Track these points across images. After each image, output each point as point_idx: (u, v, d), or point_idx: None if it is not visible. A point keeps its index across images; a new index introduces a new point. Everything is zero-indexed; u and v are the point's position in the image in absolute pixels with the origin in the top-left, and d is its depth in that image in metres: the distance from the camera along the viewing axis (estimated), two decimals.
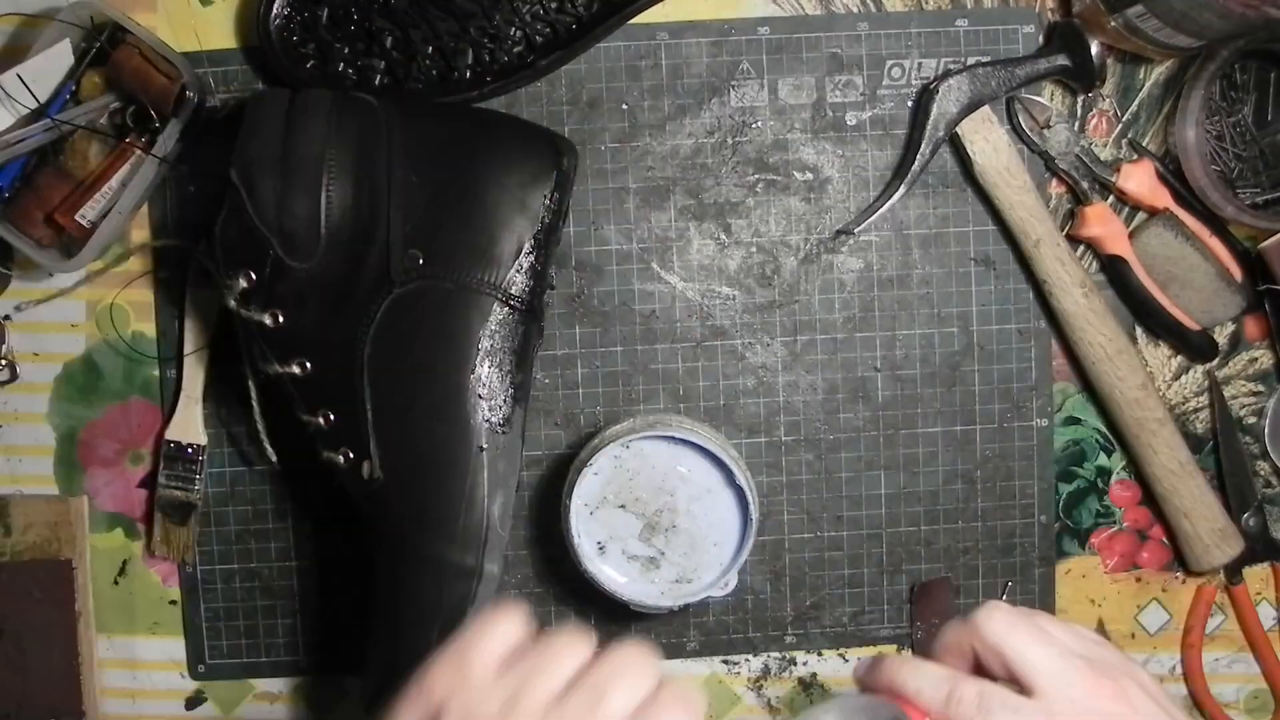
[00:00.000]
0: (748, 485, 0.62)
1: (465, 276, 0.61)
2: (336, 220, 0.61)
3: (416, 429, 0.61)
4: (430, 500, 0.61)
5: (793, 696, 0.73)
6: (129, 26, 0.64)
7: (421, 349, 0.61)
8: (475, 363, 0.61)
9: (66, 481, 0.71)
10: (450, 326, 0.61)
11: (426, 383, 0.61)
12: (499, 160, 0.62)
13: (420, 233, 0.62)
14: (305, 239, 0.61)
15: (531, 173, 0.62)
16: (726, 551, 0.64)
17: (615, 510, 0.64)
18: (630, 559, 0.64)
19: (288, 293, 0.61)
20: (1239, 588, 0.72)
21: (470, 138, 0.63)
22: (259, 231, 0.60)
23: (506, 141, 0.63)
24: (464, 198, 0.62)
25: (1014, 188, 0.68)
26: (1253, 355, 0.72)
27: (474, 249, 0.62)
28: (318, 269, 0.61)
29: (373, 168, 0.62)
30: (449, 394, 0.61)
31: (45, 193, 0.66)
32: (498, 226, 0.62)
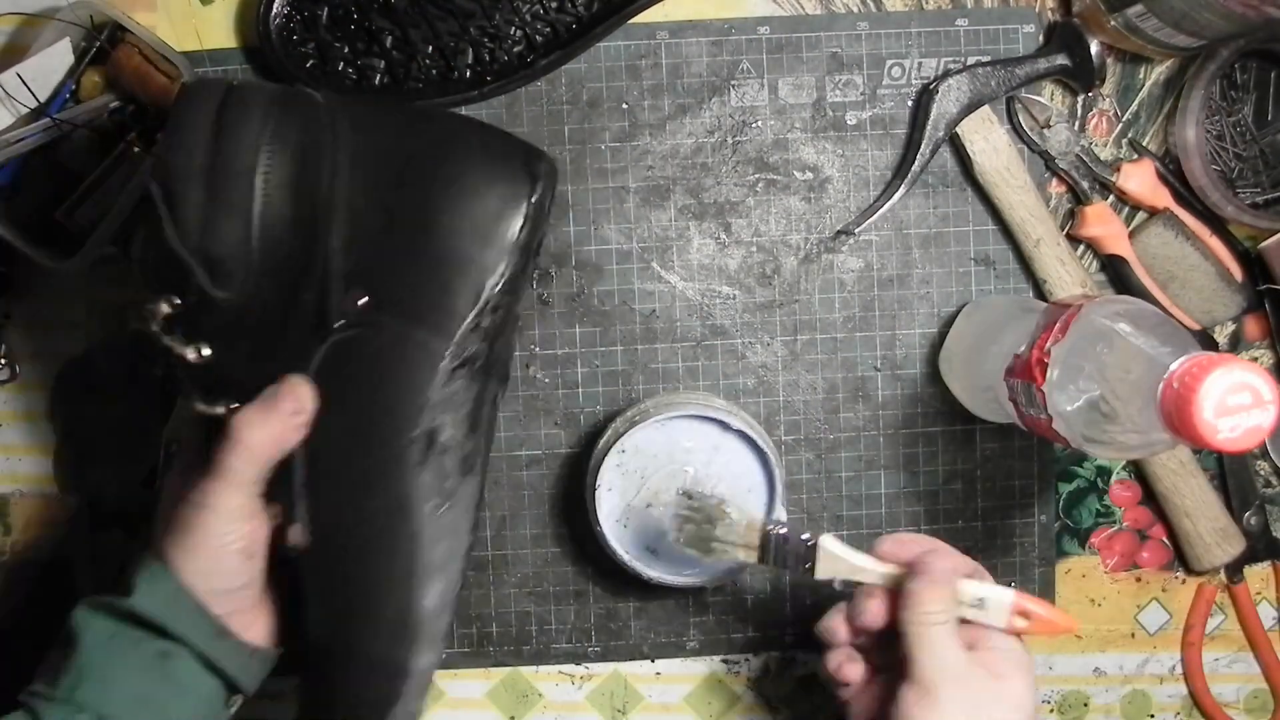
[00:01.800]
0: (745, 424, 0.63)
1: (413, 326, 0.53)
2: (270, 246, 0.53)
3: (345, 500, 0.53)
4: (354, 583, 0.53)
5: (793, 697, 0.73)
6: (129, 26, 0.64)
7: (356, 408, 0.53)
8: (415, 430, 0.53)
9: (66, 481, 0.71)
10: (389, 384, 0.53)
11: (360, 448, 0.53)
12: (462, 182, 0.53)
13: (364, 268, 0.53)
14: (233, 266, 0.53)
15: (499, 201, 0.53)
16: (762, 491, 0.64)
17: (645, 512, 0.64)
18: None
19: (214, 326, 0.53)
20: (1239, 587, 0.72)
21: (432, 152, 0.54)
22: (182, 257, 0.52)
23: (473, 159, 0.54)
24: (417, 229, 0.53)
25: (1014, 188, 0.68)
26: (1253, 355, 0.72)
27: (424, 294, 0.53)
28: (247, 301, 0.53)
29: (315, 184, 0.53)
30: (382, 464, 0.53)
31: (45, 193, 0.66)
32: (453, 268, 0.53)
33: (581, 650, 0.71)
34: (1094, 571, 0.72)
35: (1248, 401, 0.47)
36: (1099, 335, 0.54)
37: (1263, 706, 0.74)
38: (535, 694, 0.72)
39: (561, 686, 0.72)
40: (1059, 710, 0.73)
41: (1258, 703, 0.74)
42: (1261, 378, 0.47)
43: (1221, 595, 0.73)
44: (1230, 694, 0.73)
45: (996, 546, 0.72)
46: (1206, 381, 0.47)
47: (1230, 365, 0.47)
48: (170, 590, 0.52)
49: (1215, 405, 0.47)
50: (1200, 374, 0.47)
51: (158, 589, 0.52)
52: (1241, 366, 0.47)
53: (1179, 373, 0.48)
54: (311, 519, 0.54)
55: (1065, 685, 0.73)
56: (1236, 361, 0.47)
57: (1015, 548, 0.72)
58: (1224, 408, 0.47)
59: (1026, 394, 0.58)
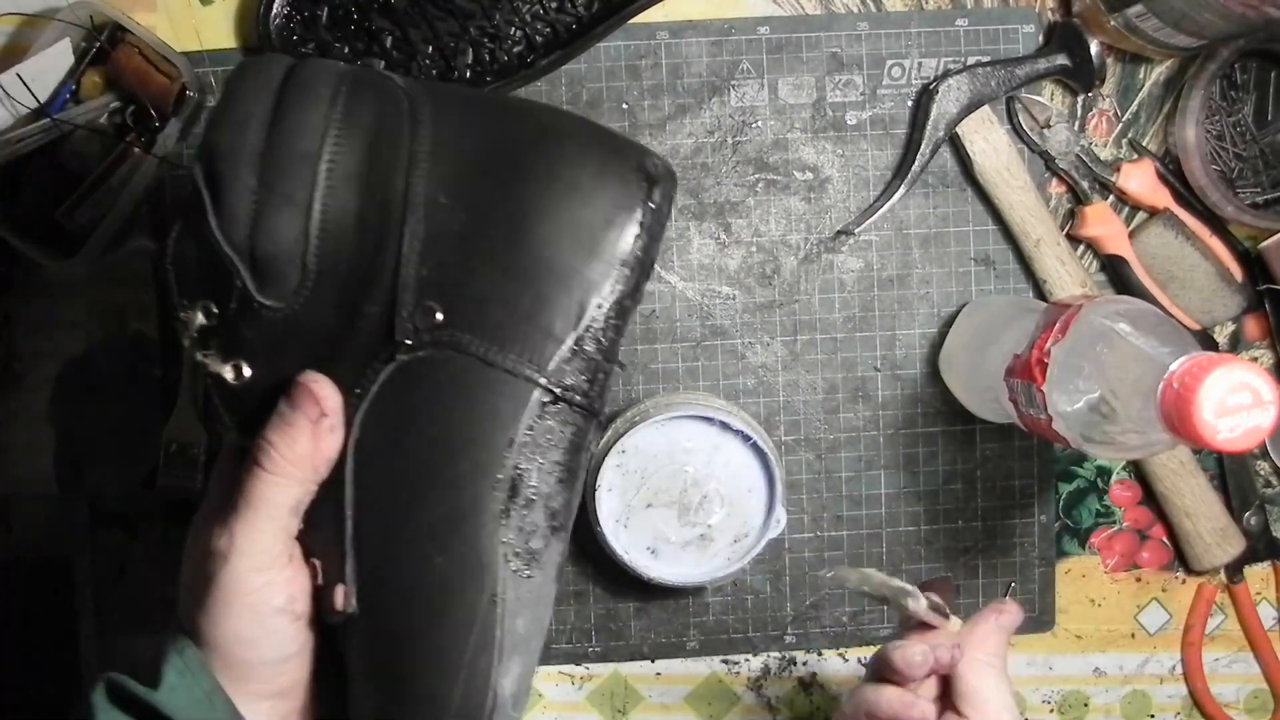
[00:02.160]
0: (745, 424, 0.63)
1: (498, 349, 0.44)
2: (331, 247, 0.45)
3: (408, 556, 0.44)
4: (418, 659, 0.44)
5: (793, 696, 0.73)
6: (129, 26, 0.64)
7: (427, 444, 0.44)
8: (499, 474, 0.43)
9: (66, 481, 0.71)
10: (469, 418, 0.43)
11: (429, 493, 0.44)
12: (565, 180, 0.44)
13: (443, 277, 0.44)
14: (284, 268, 0.44)
15: (610, 204, 0.45)
16: (762, 491, 0.64)
17: (645, 512, 0.64)
18: (684, 546, 0.64)
19: (257, 340, 0.45)
20: (1239, 587, 0.72)
21: (529, 145, 0.45)
22: (224, 255, 0.44)
23: (578, 154, 0.45)
24: (509, 234, 0.44)
25: (1014, 188, 0.68)
26: (1253, 355, 0.72)
27: (515, 310, 0.44)
28: (299, 313, 0.45)
29: (388, 177, 0.45)
30: (457, 514, 0.43)
31: (45, 193, 0.66)
32: (550, 281, 0.44)
33: (581, 650, 0.71)
34: (1094, 571, 0.72)
35: (1248, 401, 0.47)
36: (1099, 335, 0.54)
37: (1263, 706, 0.74)
38: (535, 694, 0.72)
39: (561, 686, 0.72)
40: (1059, 710, 0.73)
41: (1258, 703, 0.74)
42: (1261, 378, 0.47)
43: (1221, 595, 0.73)
44: (1230, 694, 0.73)
45: (996, 546, 0.72)
46: (1206, 381, 0.47)
47: (1230, 365, 0.47)
48: (203, 690, 0.43)
49: (1215, 405, 0.47)
50: (1200, 374, 0.47)
51: (188, 685, 0.43)
52: (1241, 366, 0.47)
53: (1179, 373, 0.48)
54: (362, 579, 0.44)
55: (1065, 685, 0.73)
56: (1236, 361, 0.47)
57: (1015, 548, 0.72)
58: (1224, 408, 0.47)
59: (1026, 394, 0.58)
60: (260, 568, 0.44)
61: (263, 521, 0.44)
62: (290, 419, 0.44)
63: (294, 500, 0.44)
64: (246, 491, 0.44)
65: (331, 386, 0.44)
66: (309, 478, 0.44)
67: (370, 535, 0.44)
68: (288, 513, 0.44)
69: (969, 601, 0.71)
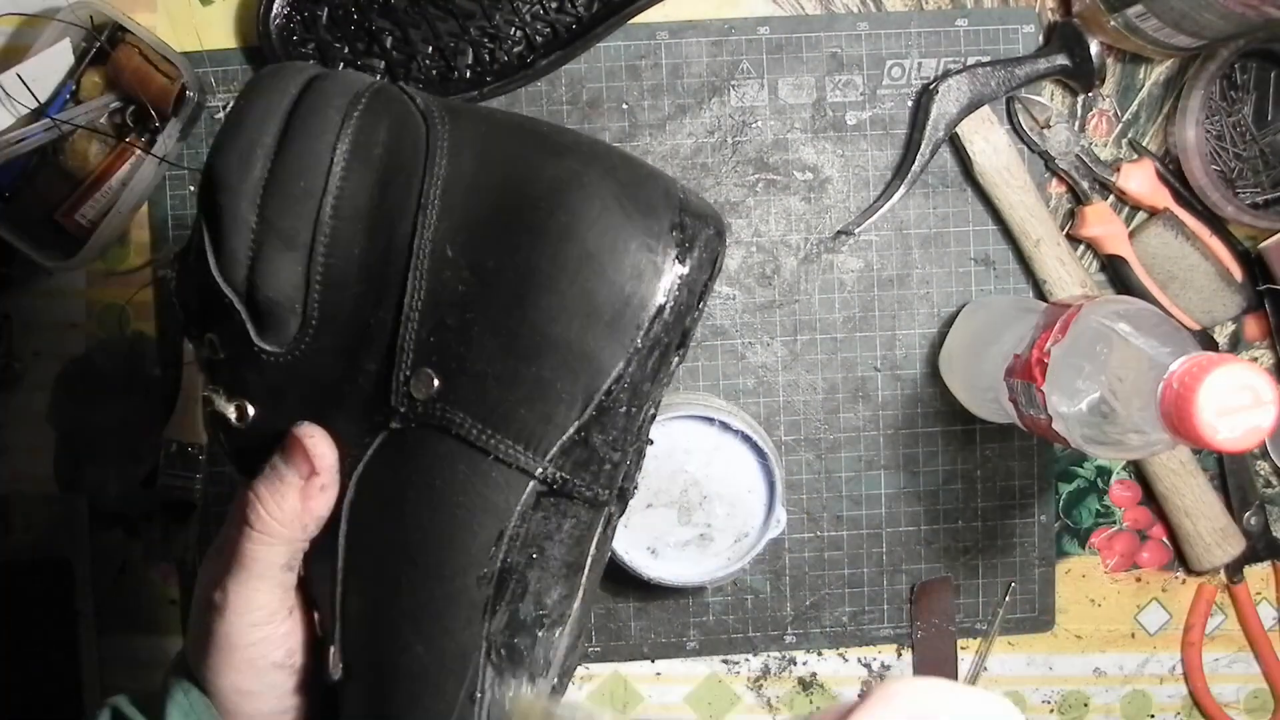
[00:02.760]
0: (746, 425, 0.63)
1: (491, 433, 0.39)
2: (333, 296, 0.41)
3: (390, 637, 0.41)
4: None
5: (793, 696, 0.73)
6: (129, 26, 0.64)
7: (414, 527, 0.40)
8: (486, 568, 0.39)
9: (66, 481, 0.71)
10: (457, 506, 0.39)
11: (413, 579, 0.40)
12: (580, 242, 0.39)
13: (442, 343, 0.40)
14: (285, 317, 0.41)
15: (630, 278, 0.38)
16: (762, 491, 0.64)
17: (646, 512, 0.64)
18: (683, 546, 0.64)
19: (259, 384, 0.42)
20: (1239, 587, 0.72)
21: (547, 196, 0.39)
22: (225, 297, 0.41)
23: (600, 209, 0.39)
24: (514, 305, 0.39)
25: (1014, 188, 0.68)
26: (1253, 355, 0.72)
27: (513, 390, 0.39)
28: (299, 360, 0.41)
29: (396, 220, 0.40)
30: (439, 605, 0.40)
31: (45, 193, 0.66)
32: (557, 361, 0.39)
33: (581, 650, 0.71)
34: (1094, 571, 0.72)
35: (1248, 401, 0.47)
36: (1099, 335, 0.54)
37: (1263, 706, 0.74)
38: None
39: None
40: (1059, 710, 0.73)
41: (1258, 703, 0.74)
42: (1261, 378, 0.47)
43: (1221, 595, 0.73)
44: (1230, 694, 0.73)
45: (996, 546, 0.72)
46: (1206, 382, 0.47)
47: (1230, 365, 0.47)
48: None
49: (1215, 405, 0.47)
50: (1200, 374, 0.47)
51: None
52: (1241, 366, 0.47)
53: (1179, 373, 0.48)
54: (348, 646, 0.42)
55: (1065, 685, 0.73)
56: (1236, 361, 0.47)
57: (1015, 548, 0.72)
58: (1224, 408, 0.47)
59: (1026, 394, 0.58)
60: (257, 623, 0.42)
61: (255, 580, 0.42)
62: (281, 474, 0.42)
63: (284, 559, 0.43)
64: (239, 550, 0.42)
65: (327, 443, 0.41)
66: (297, 536, 0.42)
67: (356, 607, 0.41)
68: (279, 570, 0.42)
69: (969, 601, 0.71)
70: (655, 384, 0.40)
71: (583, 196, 0.39)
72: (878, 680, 0.73)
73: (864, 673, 0.72)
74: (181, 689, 0.43)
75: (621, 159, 0.41)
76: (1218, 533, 0.70)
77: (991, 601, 0.72)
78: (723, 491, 0.64)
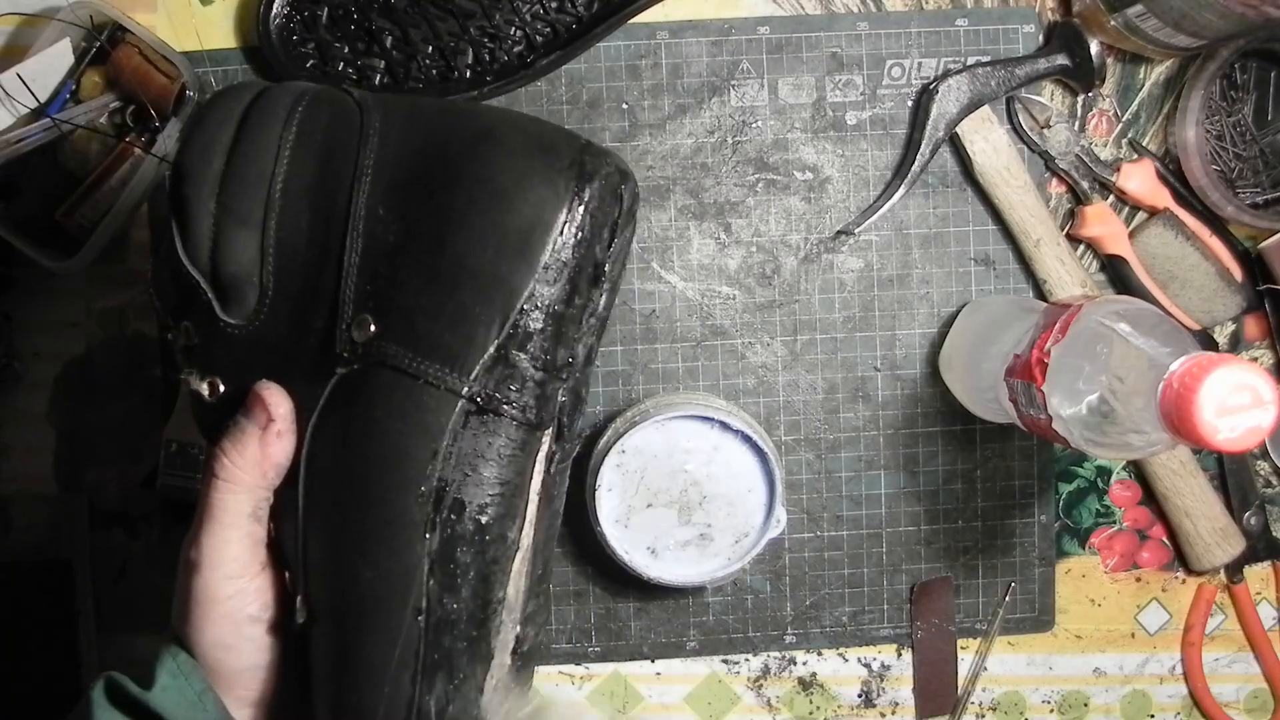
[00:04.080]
0: (745, 424, 0.63)
1: (421, 360, 0.43)
2: (284, 265, 0.46)
3: (343, 569, 0.44)
4: (351, 671, 0.44)
5: (793, 696, 0.73)
6: (129, 26, 0.64)
7: (361, 459, 0.44)
8: (423, 486, 0.43)
9: (66, 481, 0.71)
10: (396, 432, 0.43)
11: (360, 507, 0.44)
12: (489, 185, 0.43)
13: (377, 290, 0.44)
14: (245, 290, 0.46)
15: (533, 206, 0.43)
16: (762, 491, 0.64)
17: (645, 512, 0.64)
18: (683, 546, 0.64)
19: (226, 359, 0.47)
20: (1239, 587, 0.72)
21: (463, 152, 0.44)
22: (191, 278, 0.46)
23: (506, 157, 0.44)
24: (434, 244, 0.44)
25: (1014, 188, 0.68)
26: (1253, 355, 0.72)
27: (438, 319, 0.43)
28: (259, 329, 0.46)
29: (335, 192, 0.45)
30: (383, 527, 0.43)
31: (45, 193, 0.66)
32: (475, 288, 0.43)
33: (581, 650, 0.71)
34: (1094, 571, 0.72)
35: (1248, 401, 0.47)
36: (1099, 336, 0.54)
37: (1263, 706, 0.74)
38: (535, 694, 0.72)
39: (561, 686, 0.72)
40: (1059, 710, 0.73)
41: (1258, 703, 0.74)
42: (1261, 378, 0.47)
43: (1221, 595, 0.73)
44: (1230, 694, 0.73)
45: (996, 546, 0.72)
46: (1206, 382, 0.47)
47: (1230, 365, 0.47)
48: (195, 689, 0.45)
49: (1215, 405, 0.47)
50: (1200, 374, 0.47)
51: (180, 686, 0.45)
52: (1241, 366, 0.47)
53: (1179, 373, 0.48)
54: (310, 590, 0.45)
55: (1065, 685, 0.73)
56: (1236, 361, 0.47)
57: (1015, 548, 0.72)
58: (1224, 408, 0.47)
59: (1026, 394, 0.58)
60: (230, 575, 0.45)
61: (225, 530, 0.45)
62: (242, 426, 0.45)
63: (250, 507, 0.45)
64: (207, 502, 0.45)
65: (281, 394, 0.45)
66: (259, 484, 0.45)
67: (314, 549, 0.45)
68: (247, 519, 0.45)
69: (969, 601, 0.71)
70: (574, 310, 0.44)
71: (493, 144, 0.44)
72: (877, 680, 0.73)
73: (864, 673, 0.72)
74: (170, 653, 0.45)
75: (530, 119, 0.46)
76: (1218, 533, 0.70)
77: (991, 601, 0.72)
78: (723, 491, 0.64)
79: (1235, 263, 0.69)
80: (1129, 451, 0.58)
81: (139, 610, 0.71)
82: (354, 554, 0.43)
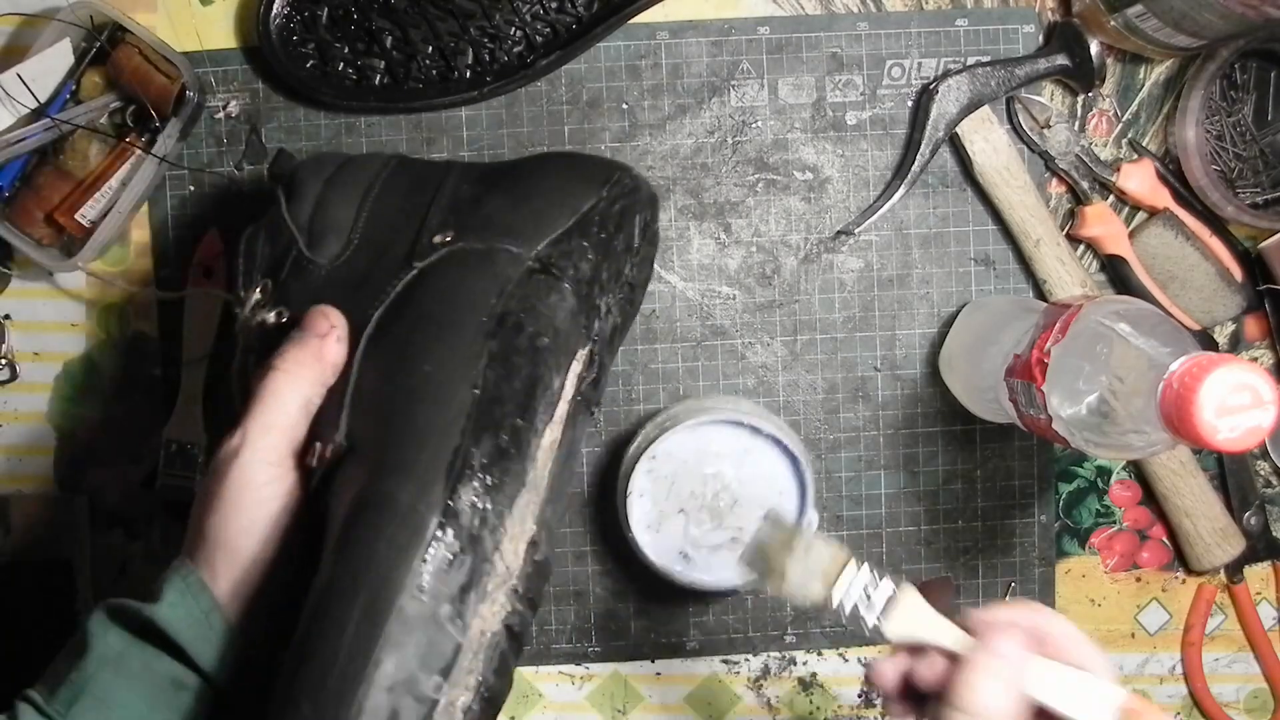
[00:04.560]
0: (776, 428, 0.63)
1: (496, 238, 0.53)
2: (372, 226, 0.56)
3: (398, 371, 0.48)
4: (396, 435, 0.46)
5: (793, 696, 0.73)
6: (129, 26, 0.64)
7: (430, 300, 0.51)
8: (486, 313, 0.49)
9: (66, 481, 0.71)
10: (466, 281, 0.51)
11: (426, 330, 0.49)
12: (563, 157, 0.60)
13: (458, 216, 0.55)
14: (332, 239, 0.56)
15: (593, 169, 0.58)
16: (793, 494, 0.64)
17: (677, 518, 0.64)
18: (715, 550, 0.64)
19: (301, 292, 0.54)
20: (1239, 587, 0.72)
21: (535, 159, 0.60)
22: (288, 232, 0.56)
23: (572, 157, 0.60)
24: (512, 178, 0.57)
25: (1014, 188, 0.68)
26: (1253, 355, 0.72)
27: (514, 211, 0.54)
28: (340, 269, 0.55)
29: (423, 187, 0.58)
30: (449, 334, 0.49)
31: (45, 192, 0.66)
32: (543, 199, 0.55)
33: (581, 650, 0.71)
34: (1094, 571, 0.72)
35: (1248, 401, 0.47)
36: (1099, 336, 0.54)
37: (1263, 706, 0.74)
38: (535, 694, 0.72)
39: (561, 687, 0.72)
40: None
41: (1258, 703, 0.74)
42: (1261, 378, 0.47)
43: (1221, 595, 0.73)
44: (1230, 694, 0.73)
45: (996, 546, 0.72)
46: (1206, 382, 0.47)
47: (1230, 365, 0.47)
48: (202, 607, 0.46)
49: (1215, 405, 0.47)
50: (1200, 374, 0.47)
51: (187, 602, 0.45)
52: (1241, 366, 0.47)
53: (1179, 373, 0.48)
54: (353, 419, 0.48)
55: None
56: (1236, 361, 0.47)
57: (1015, 548, 0.72)
58: (1224, 408, 0.47)
59: (1026, 394, 0.58)
60: (269, 462, 0.47)
61: (273, 415, 0.48)
62: (302, 332, 0.50)
63: (302, 398, 0.49)
64: (260, 390, 0.48)
65: (339, 312, 0.51)
66: (316, 378, 0.49)
67: (367, 384, 0.49)
68: (296, 409, 0.48)
69: (969, 601, 0.71)
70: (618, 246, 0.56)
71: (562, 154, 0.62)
72: None
73: (864, 673, 0.72)
74: (181, 573, 0.46)
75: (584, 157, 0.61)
76: (1218, 533, 0.70)
77: (991, 601, 0.72)
78: (754, 495, 0.64)
79: (1235, 263, 0.69)
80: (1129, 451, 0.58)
81: None
82: (415, 358, 0.48)
